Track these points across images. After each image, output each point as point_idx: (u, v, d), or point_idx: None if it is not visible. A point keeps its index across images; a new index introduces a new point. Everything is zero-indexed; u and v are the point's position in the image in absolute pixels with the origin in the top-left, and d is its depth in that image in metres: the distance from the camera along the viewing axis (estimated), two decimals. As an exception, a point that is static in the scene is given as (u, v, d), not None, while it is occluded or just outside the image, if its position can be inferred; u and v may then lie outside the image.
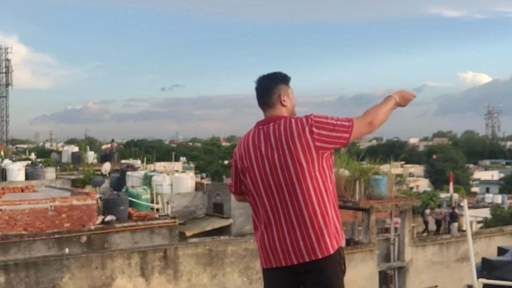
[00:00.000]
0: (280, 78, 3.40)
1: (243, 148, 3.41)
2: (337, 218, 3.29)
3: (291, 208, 3.21)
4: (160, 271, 12.69)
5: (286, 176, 3.19)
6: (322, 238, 3.19)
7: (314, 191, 3.19)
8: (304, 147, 3.16)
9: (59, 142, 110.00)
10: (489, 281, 6.82)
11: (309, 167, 3.17)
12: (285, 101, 3.35)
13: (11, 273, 11.08)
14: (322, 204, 3.20)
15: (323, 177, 3.22)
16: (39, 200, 15.97)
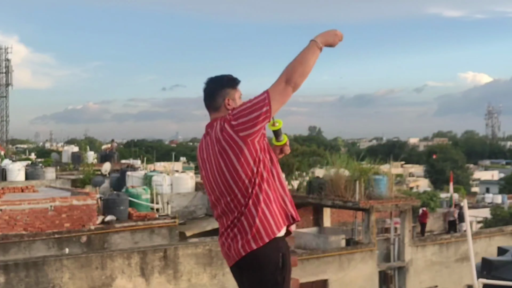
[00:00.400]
0: (226, 81, 3.35)
1: (198, 150, 3.48)
2: (273, 208, 3.17)
3: (229, 208, 3.19)
4: (160, 271, 12.69)
5: (222, 178, 3.18)
6: (250, 234, 3.12)
7: (250, 186, 3.12)
8: (231, 143, 3.12)
9: (59, 142, 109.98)
10: (489, 281, 6.82)
11: (241, 163, 3.11)
12: (230, 105, 3.28)
13: (11, 273, 11.09)
14: (254, 198, 3.13)
15: (257, 166, 3.13)
16: (39, 200, 15.97)
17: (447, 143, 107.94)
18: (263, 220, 3.12)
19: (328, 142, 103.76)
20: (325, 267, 20.03)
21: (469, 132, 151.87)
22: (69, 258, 11.95)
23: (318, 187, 22.86)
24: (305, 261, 19.13)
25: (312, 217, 25.60)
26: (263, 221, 3.12)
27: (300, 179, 28.80)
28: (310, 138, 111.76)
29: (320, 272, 19.92)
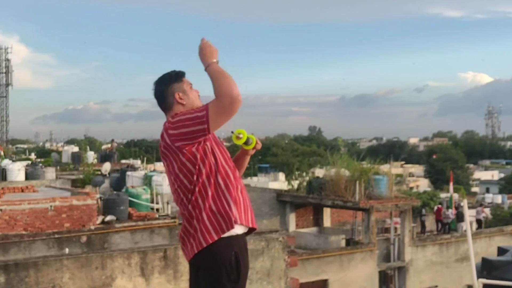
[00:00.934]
0: (169, 78, 3.29)
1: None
2: (218, 206, 3.12)
3: (181, 206, 3.22)
4: (160, 271, 12.69)
5: (172, 180, 3.20)
6: (195, 235, 3.12)
7: (192, 189, 3.11)
8: (169, 151, 3.13)
9: (59, 142, 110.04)
10: (489, 281, 6.82)
11: (180, 169, 3.12)
12: (182, 98, 3.25)
13: (11, 273, 11.08)
14: (196, 199, 3.11)
15: (197, 173, 3.09)
16: (39, 200, 15.96)
17: (447, 143, 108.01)
18: (206, 222, 3.11)
19: (328, 142, 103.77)
20: (325, 267, 20.05)
21: (469, 132, 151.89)
22: (69, 258, 11.95)
23: (318, 187, 22.87)
24: (305, 261, 19.14)
25: (312, 217, 25.61)
26: (206, 223, 3.11)
27: (300, 179, 28.79)
28: (310, 138, 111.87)
29: (320, 272, 19.93)
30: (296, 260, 15.07)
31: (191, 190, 3.12)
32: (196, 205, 3.12)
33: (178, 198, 3.20)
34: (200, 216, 3.10)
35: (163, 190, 22.18)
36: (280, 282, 13.59)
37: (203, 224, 3.09)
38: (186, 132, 3.03)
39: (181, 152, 3.08)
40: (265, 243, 13.57)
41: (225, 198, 3.13)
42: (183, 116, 3.07)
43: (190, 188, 3.11)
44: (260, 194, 24.88)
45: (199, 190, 3.11)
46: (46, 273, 11.39)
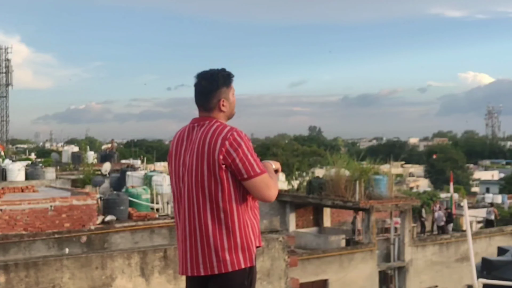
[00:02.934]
0: (222, 80, 3.17)
1: (171, 144, 3.32)
2: (248, 235, 3.11)
3: (197, 216, 3.09)
4: (160, 271, 12.68)
5: (199, 182, 3.07)
6: (221, 253, 3.06)
7: (216, 202, 3.05)
8: (210, 157, 3.03)
9: (59, 142, 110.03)
10: (489, 281, 6.83)
11: (214, 177, 3.04)
12: (225, 106, 3.18)
13: (11, 273, 11.07)
14: (224, 216, 3.06)
15: (230, 188, 3.06)
16: (39, 200, 15.96)
17: (447, 143, 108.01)
18: (244, 244, 3.15)
19: (328, 142, 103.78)
20: (325, 267, 20.04)
21: (469, 132, 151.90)
22: (69, 258, 11.93)
23: (318, 187, 22.86)
24: (305, 261, 19.14)
25: (312, 217, 25.61)
26: (244, 244, 3.15)
27: (300, 179, 28.80)
28: (310, 138, 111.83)
29: (320, 272, 19.93)
30: (296, 260, 15.05)
31: (234, 204, 3.12)
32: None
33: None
34: (234, 235, 3.10)
35: (163, 190, 22.19)
36: (280, 282, 13.58)
37: (231, 246, 3.09)
38: (234, 159, 3.03)
39: (220, 168, 3.06)
40: (265, 243, 13.56)
41: (250, 226, 3.19)
42: (245, 146, 3.05)
43: (234, 203, 3.12)
44: (260, 194, 24.83)
45: (242, 206, 3.16)
46: (46, 273, 11.38)
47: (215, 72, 3.18)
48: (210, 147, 3.03)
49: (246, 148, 3.03)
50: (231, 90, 3.20)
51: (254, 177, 3.03)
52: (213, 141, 3.03)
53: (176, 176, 3.19)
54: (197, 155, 3.07)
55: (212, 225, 3.05)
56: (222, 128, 3.07)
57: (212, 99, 3.15)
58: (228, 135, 3.03)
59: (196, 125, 3.16)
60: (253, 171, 3.03)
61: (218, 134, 3.04)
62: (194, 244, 3.12)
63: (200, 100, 3.19)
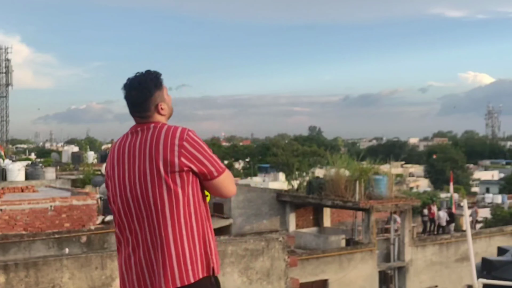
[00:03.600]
0: (153, 84, 2.95)
1: (110, 155, 3.05)
2: (207, 243, 2.91)
3: (157, 227, 2.85)
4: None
5: (144, 191, 2.84)
6: (183, 264, 2.83)
7: (177, 210, 2.83)
8: (167, 159, 2.80)
9: (59, 142, 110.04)
10: (489, 281, 6.82)
11: (173, 183, 2.82)
12: (163, 109, 2.97)
13: (11, 273, 11.07)
14: (185, 226, 2.84)
15: (189, 195, 2.86)
16: (39, 200, 15.97)
17: (447, 143, 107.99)
18: (202, 251, 2.95)
19: (328, 142, 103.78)
20: (325, 267, 20.04)
21: (469, 132, 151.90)
22: (69, 258, 11.94)
23: (318, 187, 22.86)
24: (305, 261, 19.13)
25: (312, 217, 25.61)
26: (202, 252, 2.95)
27: (300, 179, 28.80)
28: (310, 138, 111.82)
29: (320, 272, 19.92)
30: (296, 260, 15.06)
31: (193, 213, 2.96)
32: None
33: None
34: (193, 243, 2.92)
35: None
36: (280, 282, 13.58)
37: (192, 256, 2.89)
38: (197, 157, 2.87)
39: (180, 170, 2.88)
40: (265, 243, 13.56)
41: (208, 233, 3.04)
42: (203, 144, 2.90)
43: (192, 211, 2.96)
44: (260, 194, 24.87)
45: (199, 214, 2.99)
46: (46, 273, 11.39)
47: (143, 79, 2.95)
48: (166, 149, 2.81)
49: (204, 147, 2.88)
50: (164, 91, 3.01)
51: (221, 174, 2.91)
52: (168, 143, 2.82)
53: (122, 188, 2.92)
54: (150, 161, 2.83)
55: (173, 234, 2.82)
56: (175, 130, 2.86)
57: (149, 106, 2.94)
58: (185, 135, 2.84)
59: (140, 130, 2.93)
60: (217, 171, 2.89)
61: (172, 136, 2.83)
62: (154, 257, 2.86)
63: (136, 111, 2.97)
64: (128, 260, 2.95)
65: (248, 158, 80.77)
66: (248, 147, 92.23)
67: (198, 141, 2.88)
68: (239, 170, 75.31)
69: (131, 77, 2.99)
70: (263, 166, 70.74)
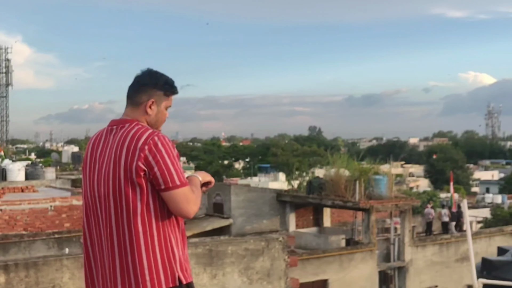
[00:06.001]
0: (163, 84, 2.92)
1: (86, 150, 2.98)
2: (170, 252, 2.80)
3: (115, 231, 2.76)
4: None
5: (116, 191, 2.75)
6: (139, 272, 2.73)
7: (134, 218, 2.74)
8: (128, 162, 2.73)
9: (59, 142, 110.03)
10: (489, 281, 6.82)
11: (132, 187, 2.74)
12: (152, 110, 2.89)
13: (11, 273, 11.07)
14: (143, 235, 2.74)
15: (149, 202, 2.76)
16: (39, 200, 15.97)
17: (447, 143, 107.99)
18: (166, 260, 2.86)
19: (328, 142, 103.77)
20: (325, 267, 20.04)
21: (469, 132, 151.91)
22: (69, 258, 11.94)
23: (318, 187, 22.85)
24: (305, 261, 19.13)
25: (312, 217, 25.61)
26: (166, 261, 2.85)
27: (300, 179, 28.79)
28: (310, 138, 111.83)
29: (320, 272, 19.92)
30: (296, 260, 15.05)
31: (154, 218, 2.85)
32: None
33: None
34: (158, 251, 2.83)
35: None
36: (280, 282, 13.58)
37: (156, 264, 2.81)
38: (157, 164, 2.74)
39: (137, 174, 2.79)
40: (265, 243, 13.56)
41: (173, 242, 2.93)
42: (168, 152, 2.76)
43: (154, 216, 2.85)
44: (260, 194, 24.87)
45: (163, 221, 2.87)
46: (46, 273, 11.38)
47: (163, 75, 2.94)
48: (128, 152, 2.73)
49: (167, 155, 2.74)
50: (167, 102, 2.94)
51: (173, 188, 2.73)
52: (132, 145, 2.74)
53: (90, 185, 2.86)
54: (114, 161, 2.76)
55: (130, 240, 2.72)
56: (143, 132, 2.77)
57: (143, 93, 2.89)
58: (149, 139, 2.73)
59: (115, 127, 2.87)
60: (172, 182, 2.72)
61: (138, 138, 2.75)
62: (111, 262, 2.78)
63: (131, 90, 2.93)
64: (89, 263, 2.90)
65: (248, 158, 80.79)
66: (248, 147, 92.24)
67: (163, 147, 2.74)
68: (239, 170, 75.32)
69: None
70: (263, 166, 70.74)
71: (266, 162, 71.14)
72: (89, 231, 2.90)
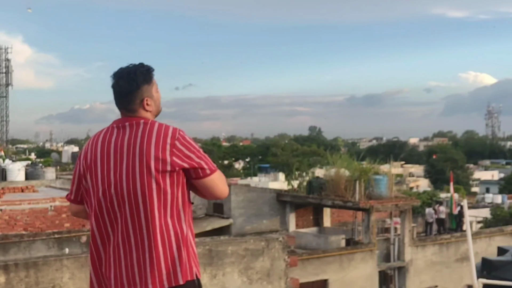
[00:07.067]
0: (142, 77, 2.88)
1: (91, 148, 2.92)
2: (193, 245, 2.89)
3: (132, 228, 2.77)
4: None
5: (131, 189, 2.76)
6: (171, 264, 2.78)
7: (165, 210, 2.77)
8: (159, 158, 2.74)
9: (59, 142, 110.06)
10: (489, 281, 6.82)
11: (163, 182, 2.76)
12: (149, 105, 2.91)
13: (11, 273, 11.07)
14: (173, 227, 2.79)
15: (178, 196, 2.81)
16: (39, 200, 15.98)
17: (447, 143, 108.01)
18: (191, 253, 2.96)
19: (328, 142, 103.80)
20: (325, 267, 20.04)
21: (469, 132, 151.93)
22: (69, 258, 11.94)
23: (318, 187, 22.86)
24: (305, 261, 19.13)
25: (312, 217, 25.61)
26: (191, 253, 2.96)
27: (300, 179, 28.79)
28: (310, 138, 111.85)
29: (320, 272, 19.92)
30: (296, 260, 15.05)
31: (182, 213, 2.93)
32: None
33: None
34: (183, 245, 2.89)
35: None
36: (280, 282, 13.58)
37: (182, 257, 2.86)
38: (188, 156, 2.83)
39: (172, 170, 2.83)
40: (265, 243, 13.56)
41: (193, 235, 3.04)
42: (194, 144, 2.86)
43: (181, 211, 2.92)
44: (260, 194, 24.87)
45: (187, 215, 2.97)
46: (46, 273, 11.38)
47: (133, 70, 2.89)
48: (158, 148, 2.75)
49: (195, 145, 2.85)
50: (153, 86, 2.93)
51: (211, 174, 2.85)
52: (160, 142, 2.76)
53: (105, 184, 2.81)
54: (141, 159, 2.75)
55: (161, 234, 2.76)
56: (167, 128, 2.81)
57: (134, 99, 2.87)
58: (176, 134, 2.80)
59: (128, 125, 2.86)
60: (209, 169, 2.83)
61: (164, 134, 2.78)
62: (137, 257, 2.77)
63: (121, 102, 2.92)
64: (108, 258, 2.85)
65: (248, 158, 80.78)
66: (248, 147, 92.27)
67: (189, 140, 2.84)
68: (239, 170, 75.30)
69: (123, 67, 2.94)
70: (263, 166, 70.75)
71: (266, 162, 71.17)
72: (99, 229, 2.86)
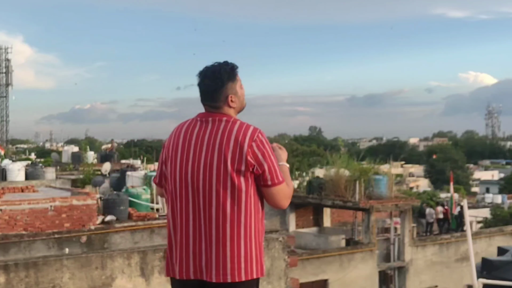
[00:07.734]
0: (226, 75, 2.97)
1: (174, 136, 3.05)
2: (261, 244, 2.96)
3: (203, 217, 2.88)
4: (160, 271, 12.68)
5: (207, 182, 2.86)
6: (236, 261, 2.86)
7: (238, 206, 2.86)
8: (236, 156, 2.84)
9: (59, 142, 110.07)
10: (489, 281, 6.83)
11: (238, 180, 2.85)
12: (234, 102, 3.00)
13: (11, 273, 11.07)
14: (244, 224, 2.87)
15: (251, 195, 2.89)
16: (39, 200, 15.96)
17: (447, 143, 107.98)
18: (257, 252, 3.03)
19: (328, 142, 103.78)
20: (325, 267, 20.05)
21: (469, 132, 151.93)
22: (69, 258, 11.94)
23: (318, 187, 22.86)
24: (305, 261, 19.14)
25: (312, 217, 25.61)
26: (257, 253, 3.02)
27: (300, 179, 28.80)
28: (310, 138, 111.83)
29: (320, 272, 19.93)
30: (296, 260, 15.05)
31: (253, 209, 2.99)
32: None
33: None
34: (250, 242, 2.97)
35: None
36: (280, 282, 13.58)
37: (247, 254, 2.94)
38: (260, 160, 2.89)
39: (246, 169, 2.91)
40: (265, 243, 13.55)
41: (262, 232, 3.09)
42: (270, 148, 2.93)
43: (253, 208, 2.99)
44: (260, 194, 24.85)
45: (257, 213, 3.03)
46: (46, 273, 11.38)
47: (217, 69, 2.98)
48: (236, 146, 2.84)
49: (271, 153, 2.92)
50: (237, 83, 3.02)
51: (277, 185, 2.91)
52: (239, 140, 2.85)
53: (182, 173, 2.93)
54: (219, 154, 2.85)
55: (231, 229, 2.85)
56: (247, 128, 2.90)
57: (220, 97, 2.97)
58: (255, 136, 2.88)
59: (211, 120, 2.96)
60: (276, 179, 2.90)
61: (244, 133, 2.87)
62: (208, 247, 2.87)
63: (206, 99, 3.01)
64: (179, 240, 2.97)
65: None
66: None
67: (265, 144, 2.91)
68: (239, 170, 75.15)
69: (208, 65, 3.03)
70: (263, 166, 70.67)
71: (266, 162, 71.04)
72: (173, 215, 2.99)
